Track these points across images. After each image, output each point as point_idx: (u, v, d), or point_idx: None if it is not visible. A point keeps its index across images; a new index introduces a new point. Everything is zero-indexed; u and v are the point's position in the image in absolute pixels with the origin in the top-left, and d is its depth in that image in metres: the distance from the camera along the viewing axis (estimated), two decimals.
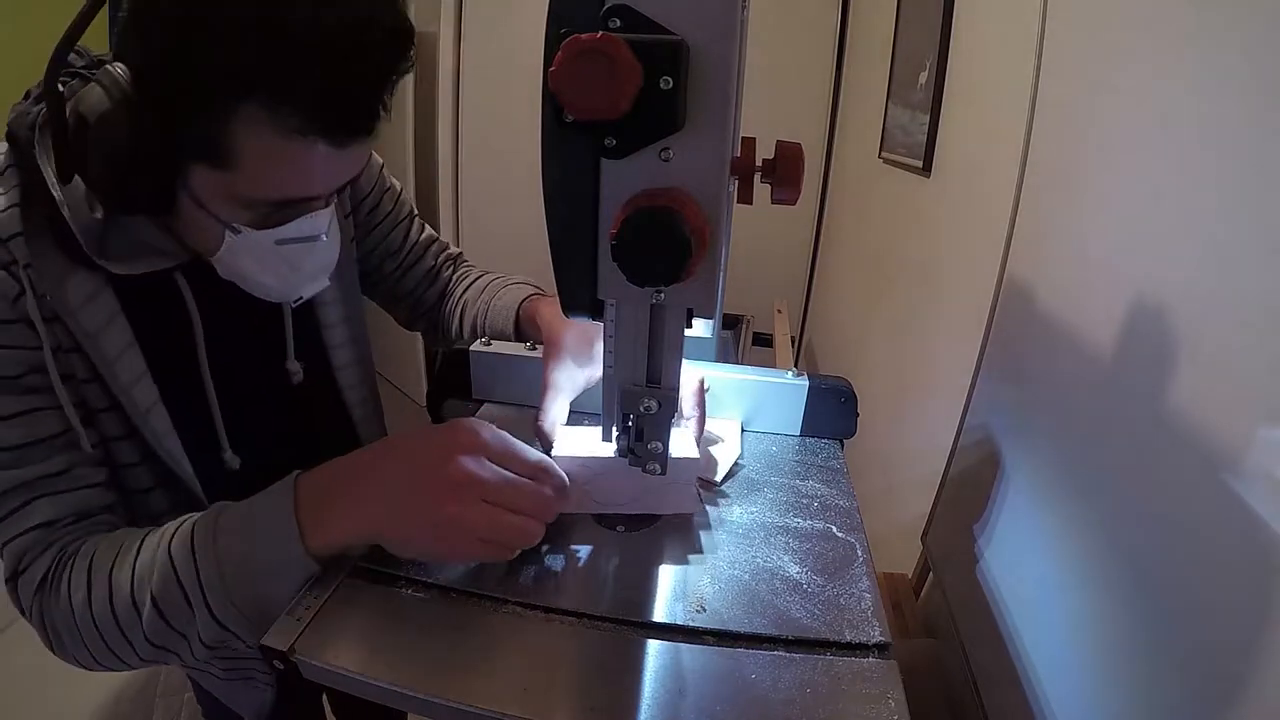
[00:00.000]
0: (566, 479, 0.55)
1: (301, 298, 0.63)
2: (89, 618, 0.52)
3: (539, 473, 0.53)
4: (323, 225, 0.59)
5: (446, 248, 0.93)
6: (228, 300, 0.61)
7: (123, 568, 0.52)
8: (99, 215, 0.54)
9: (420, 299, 0.91)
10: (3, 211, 0.52)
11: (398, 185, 0.86)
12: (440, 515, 0.49)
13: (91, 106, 0.48)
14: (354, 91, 0.48)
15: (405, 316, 0.93)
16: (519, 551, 0.52)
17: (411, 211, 0.88)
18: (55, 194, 0.51)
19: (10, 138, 0.53)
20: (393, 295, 0.90)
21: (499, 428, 0.54)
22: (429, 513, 0.49)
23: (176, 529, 0.53)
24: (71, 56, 0.54)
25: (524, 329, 0.81)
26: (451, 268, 0.92)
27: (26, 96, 0.55)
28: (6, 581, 0.55)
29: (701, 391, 0.65)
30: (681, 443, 0.58)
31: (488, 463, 0.51)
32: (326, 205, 0.59)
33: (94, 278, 0.55)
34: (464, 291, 0.89)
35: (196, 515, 0.53)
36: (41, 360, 0.53)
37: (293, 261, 0.59)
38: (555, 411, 0.62)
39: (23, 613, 0.56)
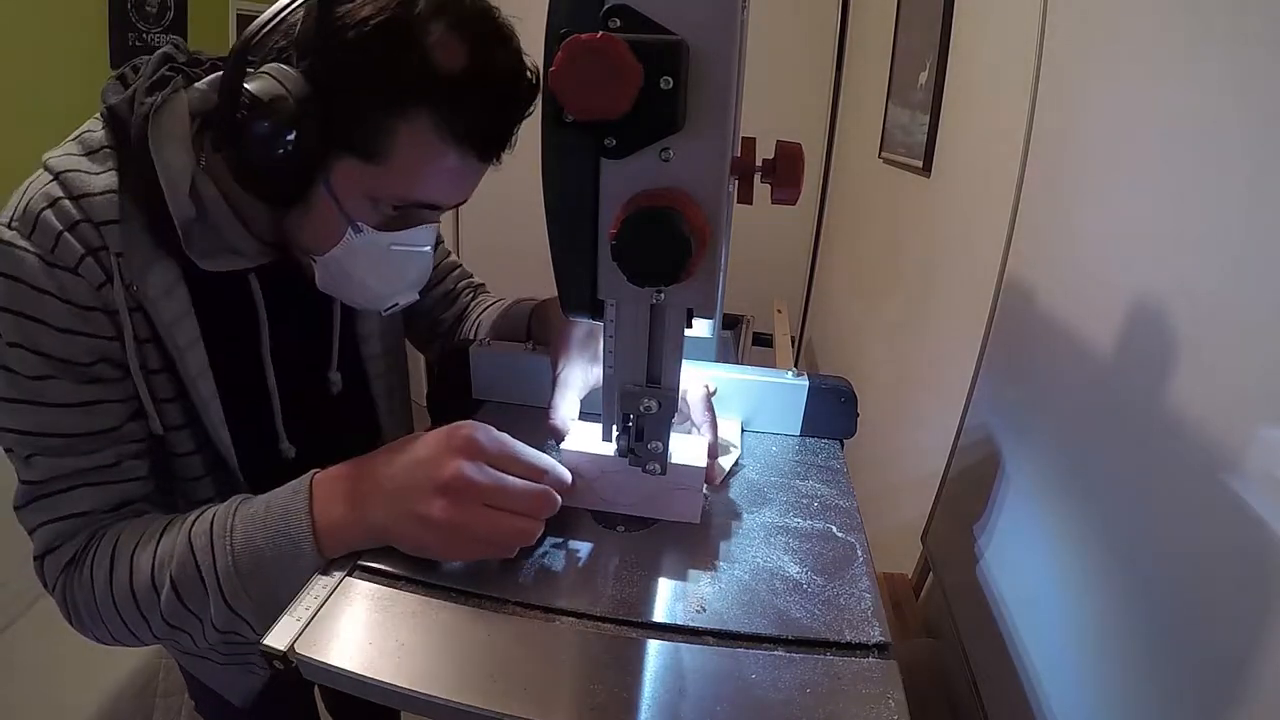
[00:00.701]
0: (569, 478, 0.56)
1: (397, 305, 0.66)
2: (109, 597, 0.55)
3: (536, 473, 0.54)
4: (432, 238, 0.64)
5: (469, 275, 0.96)
6: (287, 307, 0.67)
7: (145, 550, 0.55)
8: (193, 214, 0.57)
9: (436, 320, 0.93)
10: (101, 194, 0.54)
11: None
12: (439, 519, 0.49)
13: (266, 89, 0.51)
14: (503, 119, 0.58)
15: (421, 337, 0.95)
16: (518, 549, 0.52)
17: (440, 238, 0.89)
18: (163, 180, 0.54)
19: (114, 119, 0.56)
20: (409, 312, 0.89)
21: (499, 428, 0.54)
22: (428, 516, 0.50)
23: (199, 516, 0.56)
24: (170, 49, 0.59)
25: (534, 327, 0.82)
26: (471, 294, 0.95)
27: (118, 77, 0.58)
28: (35, 559, 0.58)
29: (709, 399, 0.65)
30: (692, 450, 0.58)
31: (485, 466, 0.51)
32: (438, 220, 0.64)
33: (173, 271, 0.57)
34: (481, 313, 0.91)
35: (219, 505, 0.56)
36: (113, 351, 0.56)
37: (400, 267, 0.63)
38: (566, 407, 0.63)
39: (46, 587, 0.59)
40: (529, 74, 0.59)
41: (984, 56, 1.13)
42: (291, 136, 0.52)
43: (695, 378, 0.64)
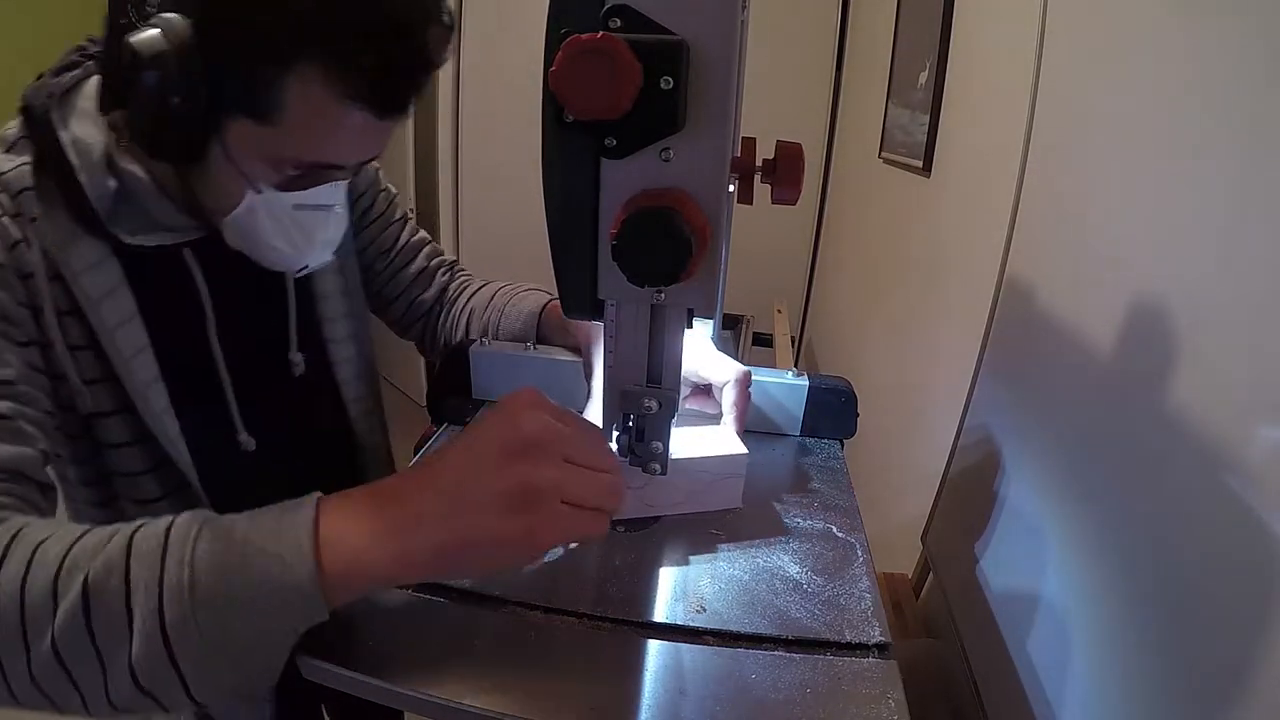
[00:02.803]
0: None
1: (307, 267, 0.62)
2: None
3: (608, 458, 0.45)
4: (339, 196, 0.60)
5: (441, 253, 0.92)
6: (234, 285, 0.62)
7: (56, 543, 0.38)
8: (113, 184, 0.54)
9: (414, 302, 0.89)
10: (14, 169, 0.53)
11: (393, 189, 0.86)
12: (512, 482, 0.39)
13: (147, 44, 0.47)
14: (406, 69, 0.51)
15: (398, 321, 0.91)
16: (573, 545, 0.49)
17: (405, 215, 0.88)
18: (71, 157, 0.52)
19: (25, 111, 0.54)
20: (384, 297, 0.88)
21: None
22: (498, 484, 0.39)
23: (149, 521, 0.40)
24: (85, 41, 0.57)
25: (547, 333, 0.80)
26: (448, 275, 0.91)
27: (39, 78, 0.55)
28: None
29: (748, 384, 0.64)
30: (724, 439, 0.59)
31: (554, 422, 0.42)
32: (346, 178, 0.60)
33: (100, 247, 0.55)
34: (469, 300, 0.87)
35: (174, 516, 0.40)
36: (19, 314, 0.52)
37: (306, 229, 0.59)
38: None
39: None
40: (445, 17, 0.52)
41: (984, 56, 1.13)
42: (177, 96, 0.48)
43: (730, 365, 0.64)
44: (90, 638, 0.36)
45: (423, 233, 0.91)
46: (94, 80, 0.55)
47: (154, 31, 0.47)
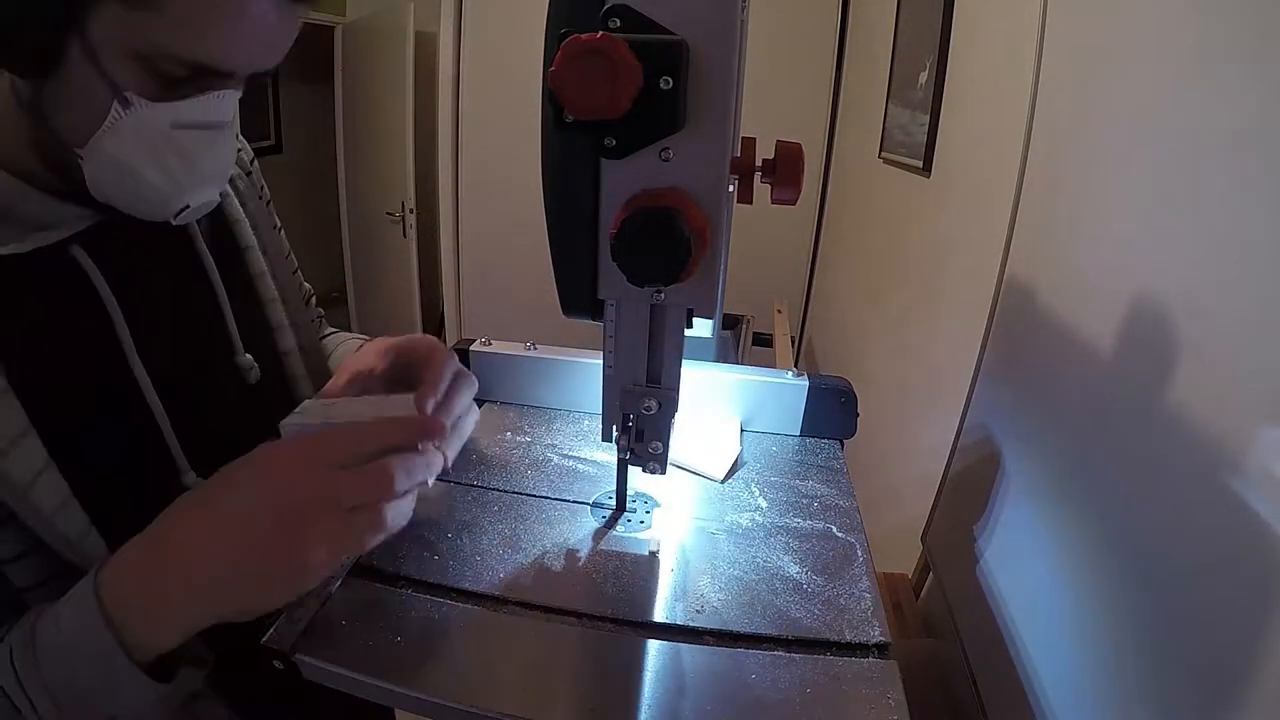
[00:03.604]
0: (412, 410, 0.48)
1: (188, 206, 0.49)
2: None
3: (364, 445, 0.43)
4: (229, 111, 0.48)
5: (318, 309, 0.80)
6: (144, 283, 0.51)
7: None
8: None
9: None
10: None
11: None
12: (303, 541, 0.40)
13: None
14: None
15: None
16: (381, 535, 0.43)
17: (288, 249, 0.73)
18: None
19: None
20: None
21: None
22: (295, 546, 0.40)
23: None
24: None
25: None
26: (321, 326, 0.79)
27: None
28: None
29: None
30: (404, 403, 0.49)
31: (322, 466, 0.42)
32: (236, 91, 0.48)
33: None
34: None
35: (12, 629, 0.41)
36: None
37: (188, 154, 0.47)
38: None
39: None
40: None
41: (984, 56, 1.13)
42: None
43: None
44: None
45: (307, 285, 0.75)
46: None
47: None
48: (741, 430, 0.75)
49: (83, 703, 0.39)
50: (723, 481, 0.66)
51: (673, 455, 0.57)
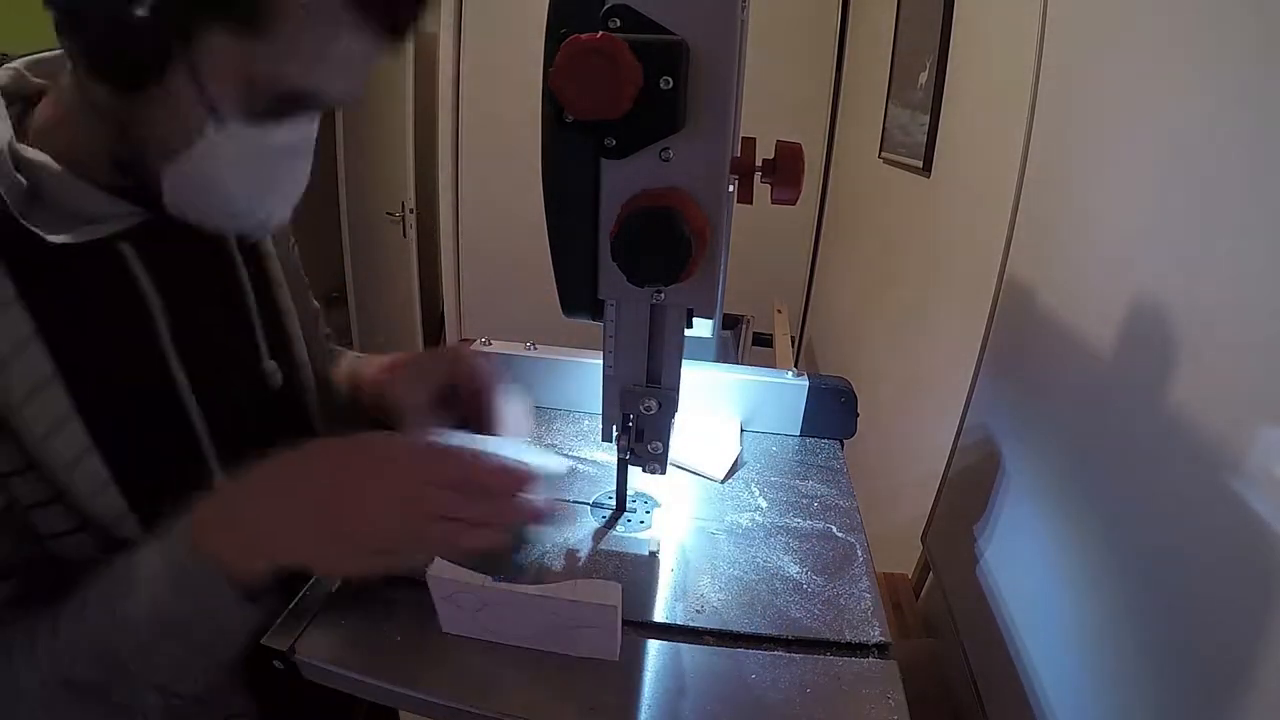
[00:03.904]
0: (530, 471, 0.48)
1: (268, 220, 0.52)
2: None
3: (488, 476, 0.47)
4: (312, 135, 0.52)
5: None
6: (182, 282, 0.53)
7: (31, 674, 0.44)
8: (23, 179, 0.46)
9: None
10: None
11: None
12: (373, 530, 0.44)
13: None
14: None
15: None
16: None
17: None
18: None
19: None
20: None
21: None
22: (363, 532, 0.45)
23: (87, 598, 0.44)
24: None
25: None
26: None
27: None
28: None
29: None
30: (603, 590, 0.46)
31: (419, 476, 0.45)
32: (318, 115, 0.51)
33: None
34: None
35: (67, 612, 0.45)
36: None
37: (273, 173, 0.50)
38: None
39: None
40: None
41: (984, 56, 1.13)
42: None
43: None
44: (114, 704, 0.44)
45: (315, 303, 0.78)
46: None
47: None
48: (741, 430, 0.75)
49: (176, 634, 0.43)
50: (723, 481, 0.66)
51: (673, 455, 0.57)
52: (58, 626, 0.44)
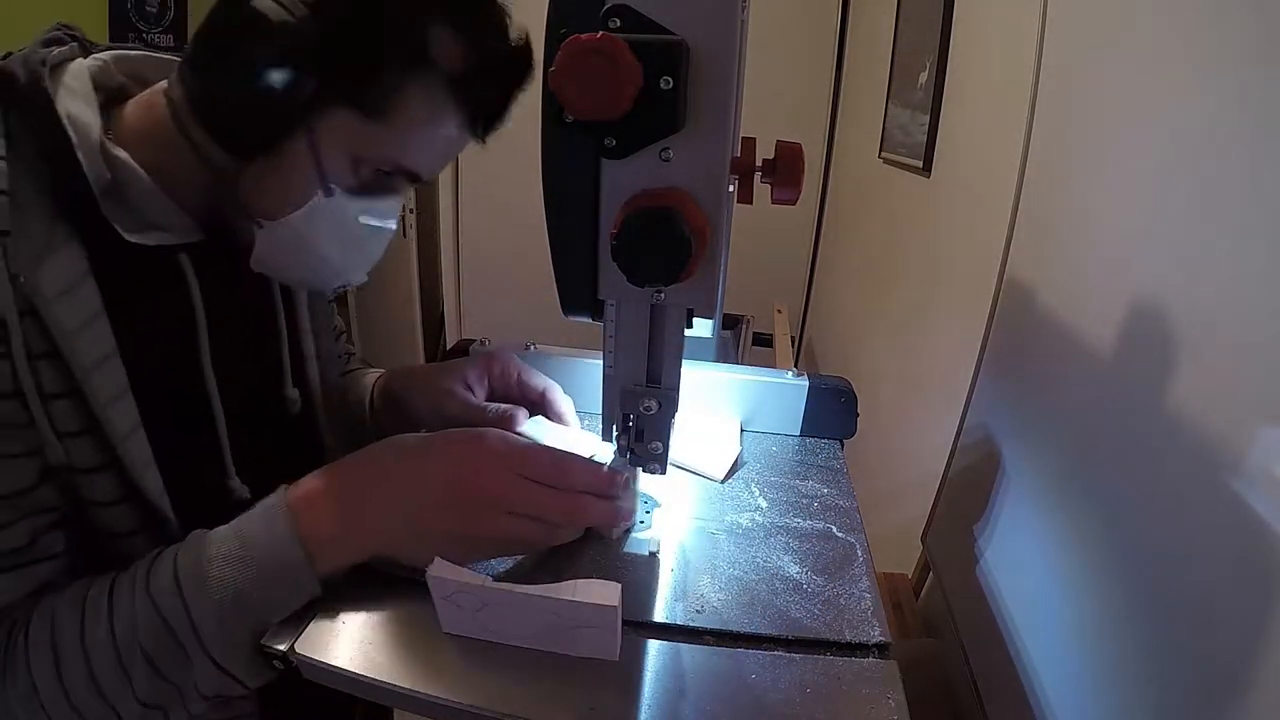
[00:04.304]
0: (607, 477, 0.53)
1: (348, 284, 0.59)
2: (61, 698, 0.44)
3: (561, 474, 0.51)
4: (397, 213, 0.57)
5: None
6: (226, 302, 0.55)
7: (97, 629, 0.45)
8: (108, 175, 0.48)
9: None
10: None
11: None
12: (468, 533, 0.48)
13: (271, 8, 0.44)
14: (509, 95, 0.53)
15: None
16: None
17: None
18: (69, 132, 0.45)
19: (6, 81, 0.45)
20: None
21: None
22: (455, 530, 0.48)
23: (152, 570, 0.46)
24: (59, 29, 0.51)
25: (381, 407, 0.73)
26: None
27: (7, 56, 0.48)
28: None
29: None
30: (603, 590, 0.45)
31: (515, 473, 0.49)
32: (408, 193, 0.58)
33: (77, 263, 0.45)
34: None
35: (173, 552, 0.47)
36: (8, 384, 0.42)
37: (364, 242, 0.56)
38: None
39: None
40: (530, 54, 0.54)
41: (984, 56, 1.13)
42: (287, 74, 0.45)
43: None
44: (166, 682, 0.46)
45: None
46: (81, 63, 0.50)
47: (267, 2, 0.44)
48: (741, 430, 0.75)
49: (243, 614, 0.45)
50: (723, 481, 0.66)
51: (673, 455, 0.57)
52: (134, 588, 0.46)
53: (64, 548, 0.48)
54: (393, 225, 0.57)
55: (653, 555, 0.56)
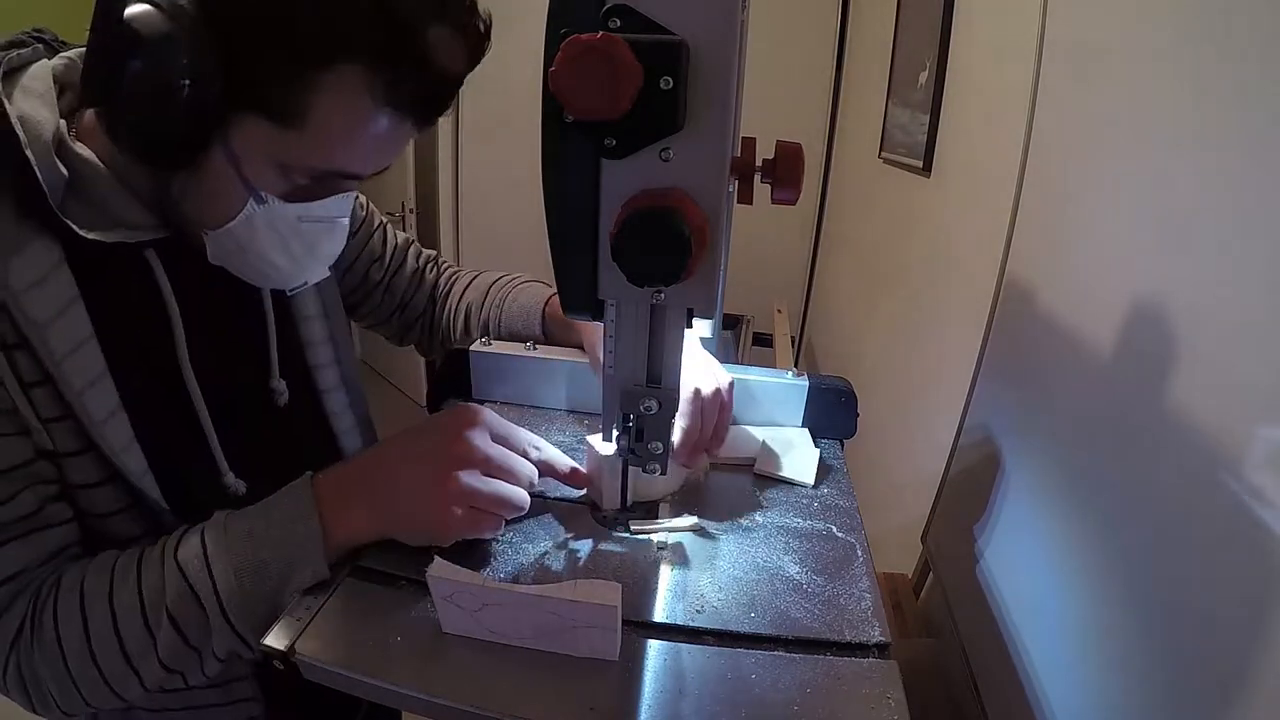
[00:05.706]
0: (565, 463, 0.60)
1: (306, 283, 0.58)
2: (87, 655, 0.47)
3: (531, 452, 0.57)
4: (348, 208, 0.55)
5: (422, 250, 0.88)
6: (202, 297, 0.55)
7: (125, 590, 0.48)
8: (64, 173, 0.47)
9: (409, 305, 0.86)
10: None
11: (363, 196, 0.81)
12: (446, 488, 0.51)
13: (146, 21, 0.41)
14: (446, 77, 0.48)
15: (396, 329, 0.87)
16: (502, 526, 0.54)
17: (383, 220, 0.83)
18: (18, 131, 0.44)
19: None
20: (381, 306, 0.84)
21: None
22: (436, 486, 0.51)
23: (182, 541, 0.50)
24: (30, 31, 0.51)
25: (551, 328, 0.79)
26: (435, 269, 0.88)
27: None
28: None
29: (717, 403, 0.62)
30: (603, 590, 0.45)
31: (489, 439, 0.54)
32: (356, 188, 0.56)
33: (47, 255, 0.46)
34: (464, 293, 0.85)
35: (204, 525, 0.51)
36: None
37: (310, 242, 0.54)
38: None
39: None
40: (476, 26, 0.49)
41: (984, 56, 1.13)
42: (183, 89, 0.42)
43: (699, 375, 0.62)
44: (187, 645, 0.49)
45: (401, 232, 0.87)
46: (45, 63, 0.49)
47: (148, 7, 0.41)
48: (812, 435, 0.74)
49: (262, 585, 0.48)
50: (816, 485, 0.66)
51: (765, 468, 0.64)
52: (163, 556, 0.49)
53: (71, 515, 0.51)
54: (344, 220, 0.56)
55: (653, 555, 0.56)
